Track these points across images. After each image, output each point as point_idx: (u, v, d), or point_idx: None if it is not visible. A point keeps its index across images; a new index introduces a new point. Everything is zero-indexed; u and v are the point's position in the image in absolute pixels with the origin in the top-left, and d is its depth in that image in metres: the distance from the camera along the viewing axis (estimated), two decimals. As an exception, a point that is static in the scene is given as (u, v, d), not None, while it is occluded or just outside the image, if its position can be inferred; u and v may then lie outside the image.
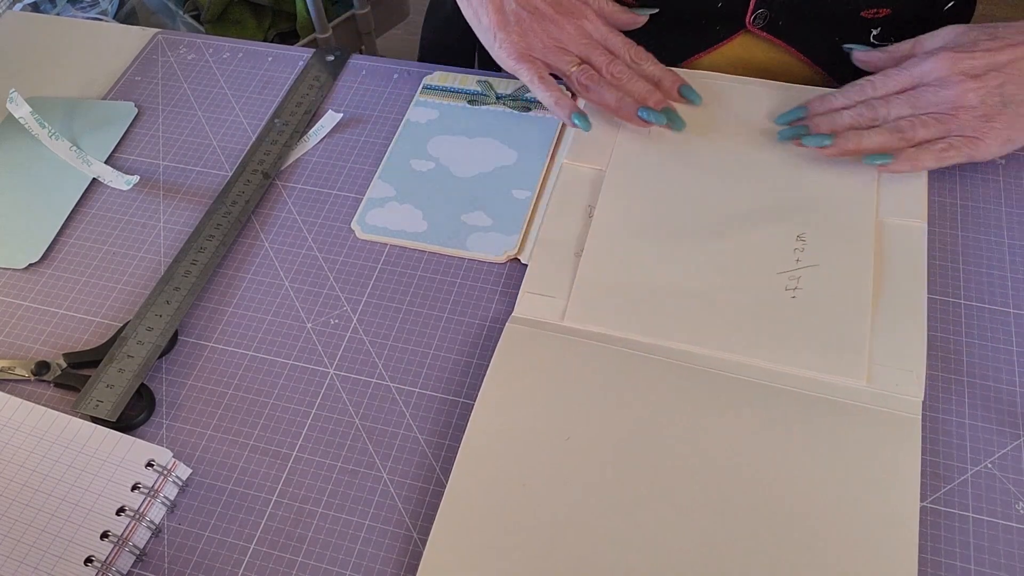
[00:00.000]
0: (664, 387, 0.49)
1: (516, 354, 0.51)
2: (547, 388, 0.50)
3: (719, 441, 0.47)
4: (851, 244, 0.54)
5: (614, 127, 0.61)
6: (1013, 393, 0.50)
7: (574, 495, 0.46)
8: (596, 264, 0.54)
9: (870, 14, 0.66)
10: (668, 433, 0.48)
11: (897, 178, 0.56)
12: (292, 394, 0.53)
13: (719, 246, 0.55)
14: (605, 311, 0.52)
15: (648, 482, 0.46)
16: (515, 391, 0.50)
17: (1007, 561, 0.44)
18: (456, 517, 0.46)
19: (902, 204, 0.55)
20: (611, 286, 0.53)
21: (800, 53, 0.69)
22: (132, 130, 0.68)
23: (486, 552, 0.45)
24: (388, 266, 0.58)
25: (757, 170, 0.58)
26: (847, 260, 0.53)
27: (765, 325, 0.51)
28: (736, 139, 0.60)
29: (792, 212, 0.56)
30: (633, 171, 0.59)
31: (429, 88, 0.68)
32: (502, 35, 0.60)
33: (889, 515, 0.44)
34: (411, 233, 0.59)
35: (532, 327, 0.52)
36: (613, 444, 0.47)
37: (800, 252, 0.54)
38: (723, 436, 0.47)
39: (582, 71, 0.60)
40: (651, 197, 0.58)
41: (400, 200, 0.60)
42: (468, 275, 0.57)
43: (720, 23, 0.68)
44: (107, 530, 0.46)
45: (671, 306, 0.52)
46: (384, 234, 0.59)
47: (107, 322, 0.57)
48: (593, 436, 0.48)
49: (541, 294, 0.54)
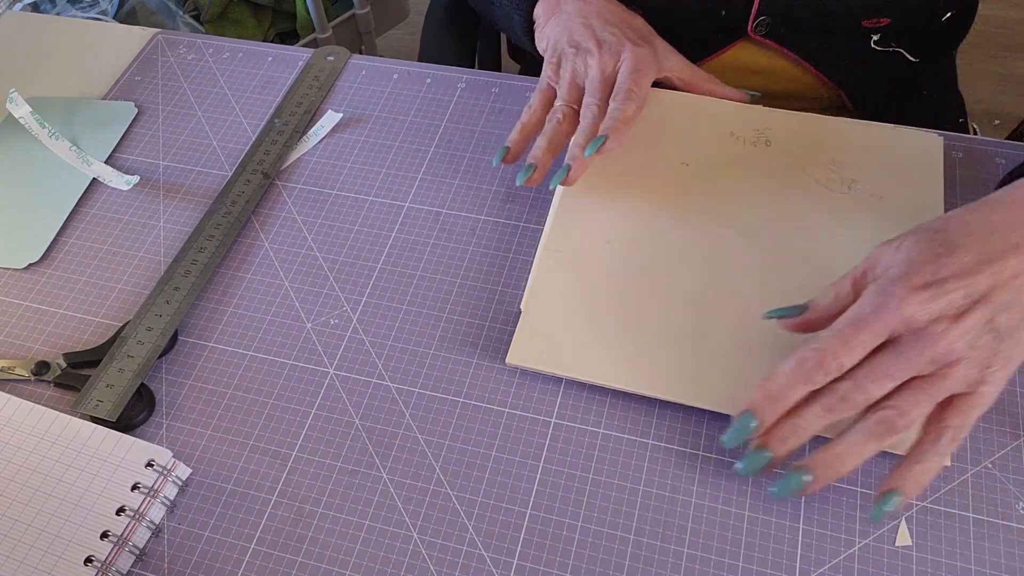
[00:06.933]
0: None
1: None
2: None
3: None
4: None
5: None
6: (1013, 393, 0.50)
7: (653, 249, 0.54)
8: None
9: (870, 23, 0.66)
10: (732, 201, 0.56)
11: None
12: (292, 394, 0.53)
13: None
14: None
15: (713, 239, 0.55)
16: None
17: (1007, 561, 0.44)
18: (551, 269, 0.54)
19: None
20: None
21: (802, 59, 0.69)
22: (132, 130, 0.68)
23: (576, 298, 0.53)
24: (388, 266, 0.58)
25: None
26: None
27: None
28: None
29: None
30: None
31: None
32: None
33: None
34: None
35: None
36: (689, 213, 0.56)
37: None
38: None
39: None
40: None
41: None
42: (468, 275, 0.57)
43: (722, 30, 0.68)
44: (107, 530, 0.46)
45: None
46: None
47: (107, 322, 0.57)
48: (668, 206, 0.57)
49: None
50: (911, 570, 0.44)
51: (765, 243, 0.55)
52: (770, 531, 0.46)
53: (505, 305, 0.55)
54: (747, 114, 0.62)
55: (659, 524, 0.47)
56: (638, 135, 0.61)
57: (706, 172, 0.59)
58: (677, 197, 0.58)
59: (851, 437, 0.43)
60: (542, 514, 0.47)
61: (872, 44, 0.68)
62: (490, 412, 0.51)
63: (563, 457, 0.49)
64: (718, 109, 0.62)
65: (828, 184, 0.57)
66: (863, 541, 0.45)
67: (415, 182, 0.63)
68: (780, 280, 0.53)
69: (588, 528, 0.47)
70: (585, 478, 0.48)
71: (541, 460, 0.49)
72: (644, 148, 0.60)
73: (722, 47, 0.69)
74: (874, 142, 0.59)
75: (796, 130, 0.61)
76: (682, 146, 0.60)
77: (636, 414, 0.50)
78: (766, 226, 0.56)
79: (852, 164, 0.58)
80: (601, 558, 0.46)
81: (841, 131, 0.60)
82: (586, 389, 0.51)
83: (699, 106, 0.62)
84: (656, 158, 0.60)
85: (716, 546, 0.46)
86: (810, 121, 0.61)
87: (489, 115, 0.66)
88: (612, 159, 0.59)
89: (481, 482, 0.48)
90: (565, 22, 0.61)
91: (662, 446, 0.49)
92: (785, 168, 0.59)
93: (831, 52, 0.68)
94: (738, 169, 0.59)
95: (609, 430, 0.50)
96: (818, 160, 0.59)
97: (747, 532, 0.46)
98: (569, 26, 0.61)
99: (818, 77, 0.70)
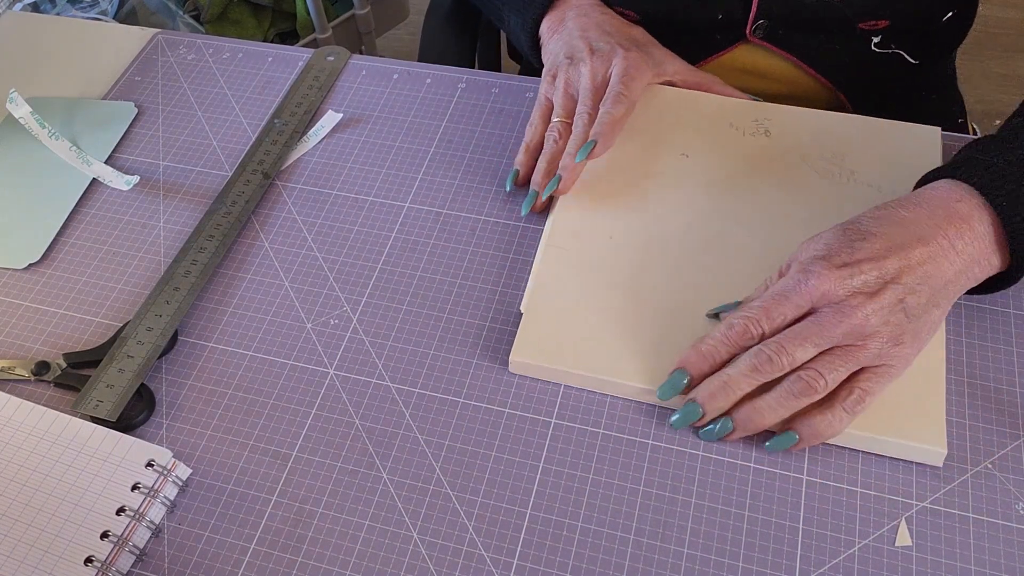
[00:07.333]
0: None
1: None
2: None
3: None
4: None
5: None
6: (1013, 393, 0.50)
7: (654, 242, 0.55)
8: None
9: (868, 25, 0.66)
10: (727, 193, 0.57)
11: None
12: (292, 394, 0.53)
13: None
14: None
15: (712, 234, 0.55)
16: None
17: (1007, 561, 0.44)
18: (554, 265, 0.55)
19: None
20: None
21: (800, 62, 0.69)
22: (132, 130, 0.68)
23: (581, 294, 0.53)
24: (388, 266, 0.58)
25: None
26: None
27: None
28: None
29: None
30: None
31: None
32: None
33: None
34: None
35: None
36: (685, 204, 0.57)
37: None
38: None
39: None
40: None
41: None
42: (468, 275, 0.57)
43: (720, 32, 0.68)
44: (107, 530, 0.46)
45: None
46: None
47: (107, 322, 0.57)
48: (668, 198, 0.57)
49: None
50: (911, 570, 0.44)
51: (765, 233, 0.55)
52: (770, 531, 0.46)
53: (505, 305, 0.55)
54: (746, 106, 0.62)
55: (659, 524, 0.47)
56: (638, 128, 0.61)
57: (706, 163, 0.59)
58: (677, 189, 0.58)
59: (772, 394, 0.47)
60: (542, 514, 0.47)
61: (873, 47, 0.68)
62: (490, 412, 0.51)
63: (563, 457, 0.49)
64: (717, 102, 0.62)
65: (827, 175, 0.58)
66: (863, 541, 0.45)
67: (415, 182, 0.63)
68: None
69: (588, 528, 0.47)
70: (585, 478, 0.48)
71: (541, 460, 0.49)
72: (644, 140, 0.60)
73: (721, 49, 0.69)
74: (873, 134, 0.59)
75: (795, 122, 0.61)
76: (682, 138, 0.60)
77: (636, 414, 0.50)
78: (766, 216, 0.56)
79: (851, 155, 0.58)
80: (601, 558, 0.46)
81: (840, 124, 0.60)
82: (586, 389, 0.51)
83: (698, 99, 0.63)
84: (656, 150, 0.60)
85: (716, 546, 0.46)
86: (809, 114, 0.61)
87: (489, 115, 0.66)
88: (612, 153, 0.59)
89: (481, 482, 0.48)
90: (565, 37, 0.63)
91: (662, 446, 0.49)
92: (784, 159, 0.59)
93: (830, 54, 0.68)
94: (738, 160, 0.59)
95: (609, 430, 0.50)
96: (817, 151, 0.59)
97: (747, 532, 0.46)
98: (568, 40, 0.63)
99: (817, 79, 0.70)
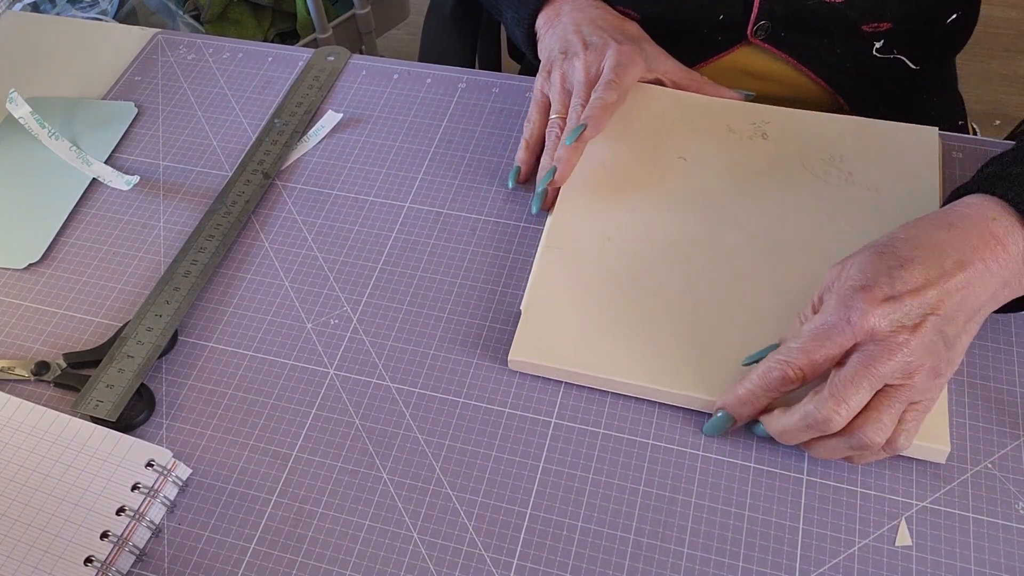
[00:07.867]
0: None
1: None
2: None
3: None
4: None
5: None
6: (1013, 393, 0.50)
7: (652, 244, 0.55)
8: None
9: (870, 28, 0.66)
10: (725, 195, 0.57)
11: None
12: (292, 394, 0.53)
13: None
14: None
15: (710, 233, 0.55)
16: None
17: (1007, 561, 0.44)
18: (552, 266, 0.55)
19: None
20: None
21: (801, 64, 0.69)
22: (132, 130, 0.68)
23: (579, 294, 0.53)
24: (388, 266, 0.58)
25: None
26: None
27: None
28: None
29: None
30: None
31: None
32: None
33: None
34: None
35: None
36: (683, 209, 0.57)
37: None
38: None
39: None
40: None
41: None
42: (468, 275, 0.57)
43: (722, 33, 0.68)
44: (107, 530, 0.46)
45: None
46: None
47: (107, 322, 0.57)
48: (665, 200, 0.57)
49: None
50: (911, 570, 0.44)
51: (763, 235, 0.55)
52: (770, 531, 0.46)
53: (505, 305, 0.55)
54: (744, 109, 0.62)
55: (659, 524, 0.47)
56: (636, 131, 0.61)
57: (704, 166, 0.59)
58: (675, 191, 0.58)
59: (837, 449, 0.45)
60: (542, 514, 0.47)
61: (874, 52, 0.67)
62: (490, 412, 0.51)
63: (563, 457, 0.49)
64: (715, 104, 0.62)
65: (825, 177, 0.58)
66: (863, 541, 0.45)
67: (415, 182, 0.63)
68: (778, 272, 0.53)
69: (588, 528, 0.47)
70: (585, 478, 0.48)
71: (541, 460, 0.49)
72: (642, 143, 0.60)
73: (722, 51, 0.69)
74: (870, 135, 0.59)
75: (793, 124, 0.61)
76: (679, 140, 0.60)
77: (636, 414, 0.50)
78: (764, 218, 0.56)
79: (849, 157, 0.58)
80: (601, 558, 0.46)
81: (837, 125, 0.60)
82: (586, 389, 0.51)
83: (696, 101, 0.63)
84: (654, 153, 0.60)
85: (716, 546, 0.46)
86: (807, 116, 0.61)
87: (489, 115, 0.66)
88: (611, 156, 0.59)
89: (481, 482, 0.48)
90: (560, 32, 0.63)
91: (662, 446, 0.49)
92: (782, 161, 0.59)
93: (831, 57, 0.68)
94: (735, 162, 0.59)
95: (609, 430, 0.50)
96: (815, 153, 0.59)
97: (747, 532, 0.46)
98: (562, 35, 0.63)
99: (816, 82, 0.70)
